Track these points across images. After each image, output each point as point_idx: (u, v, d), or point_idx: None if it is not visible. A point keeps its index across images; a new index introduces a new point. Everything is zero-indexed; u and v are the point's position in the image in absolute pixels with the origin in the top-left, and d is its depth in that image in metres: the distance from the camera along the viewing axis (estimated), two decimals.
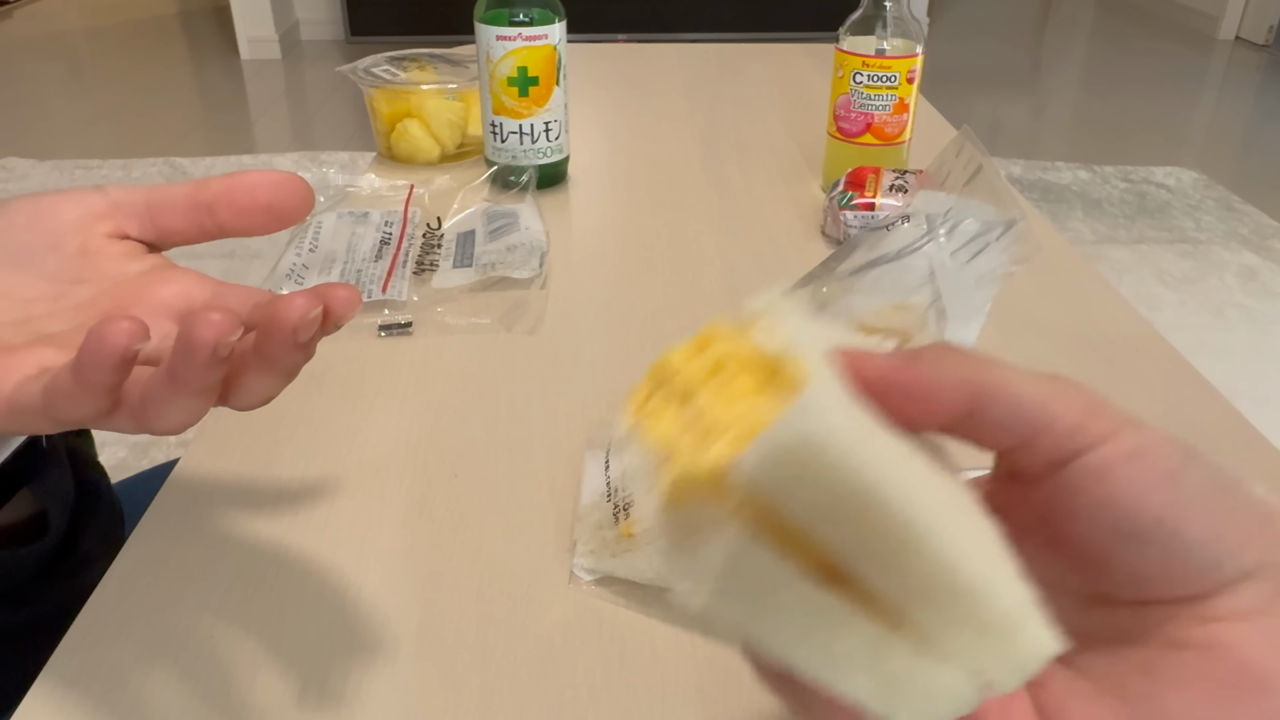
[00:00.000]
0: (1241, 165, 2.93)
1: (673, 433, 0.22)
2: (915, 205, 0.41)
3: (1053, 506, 0.24)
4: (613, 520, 0.45)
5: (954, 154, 0.40)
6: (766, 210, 0.83)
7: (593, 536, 0.45)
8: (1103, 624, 0.25)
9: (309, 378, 0.59)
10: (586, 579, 0.44)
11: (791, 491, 0.19)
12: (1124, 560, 0.24)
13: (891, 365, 0.23)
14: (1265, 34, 4.11)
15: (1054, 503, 0.24)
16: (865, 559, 0.20)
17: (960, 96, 3.46)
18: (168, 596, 0.43)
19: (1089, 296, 0.70)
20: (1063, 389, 0.24)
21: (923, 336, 0.38)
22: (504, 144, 0.83)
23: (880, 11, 0.79)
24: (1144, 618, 0.24)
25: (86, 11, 4.53)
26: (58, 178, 2.65)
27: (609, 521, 0.45)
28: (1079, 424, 0.23)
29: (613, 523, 0.45)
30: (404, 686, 0.39)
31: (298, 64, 3.78)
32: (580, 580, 0.44)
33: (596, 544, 0.45)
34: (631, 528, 0.44)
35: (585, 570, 0.44)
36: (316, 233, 0.73)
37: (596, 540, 0.45)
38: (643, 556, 0.43)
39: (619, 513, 0.45)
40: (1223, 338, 1.98)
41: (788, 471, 0.19)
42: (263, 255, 2.24)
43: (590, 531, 0.45)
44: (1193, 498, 0.23)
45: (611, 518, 0.45)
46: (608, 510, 0.45)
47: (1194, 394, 0.59)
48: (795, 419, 0.19)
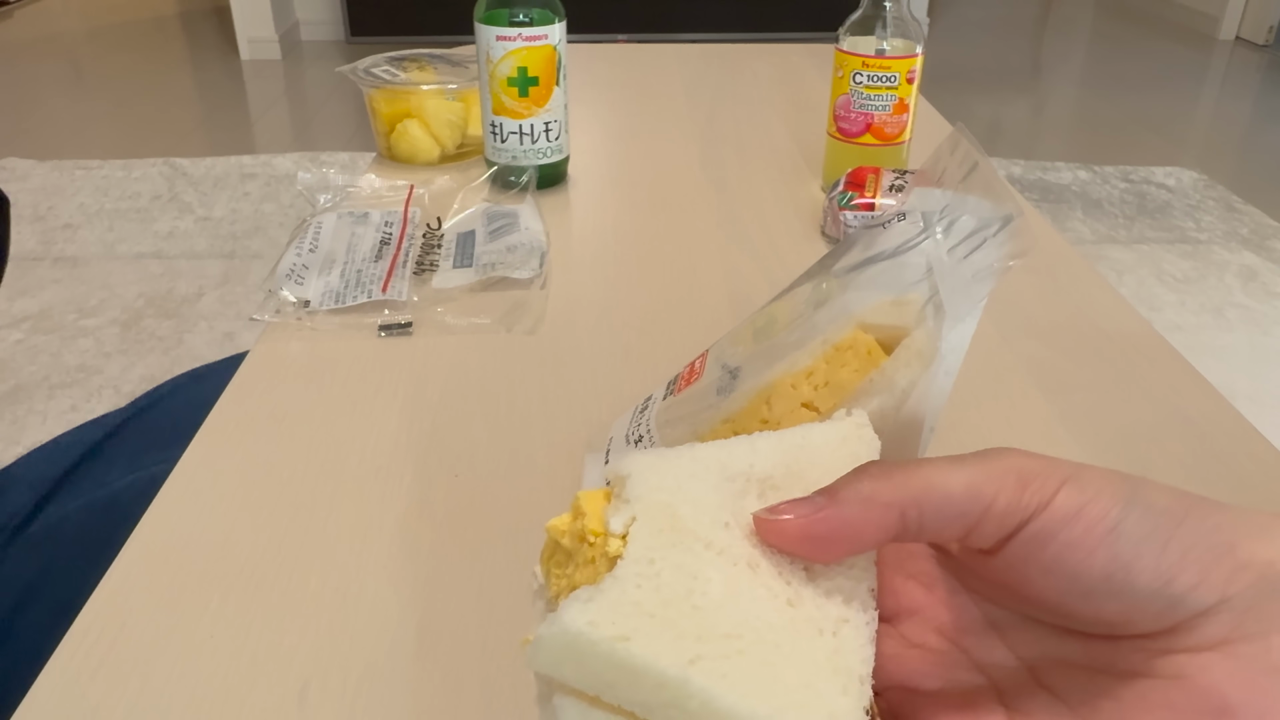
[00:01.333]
0: (1241, 165, 2.93)
1: (558, 586, 0.27)
2: (910, 202, 0.41)
3: (1009, 572, 0.25)
4: None
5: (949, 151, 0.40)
6: (766, 210, 0.83)
7: None
8: (1078, 652, 0.26)
9: (309, 378, 0.59)
10: None
11: (566, 673, 0.23)
12: (1084, 611, 0.25)
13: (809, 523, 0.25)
14: (1265, 34, 4.11)
15: (1009, 570, 0.25)
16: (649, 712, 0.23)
17: (960, 96, 3.46)
18: (168, 596, 0.43)
19: (1089, 296, 0.70)
20: (992, 468, 0.24)
21: (920, 331, 0.38)
22: (504, 144, 0.83)
23: (880, 12, 0.79)
24: (1114, 649, 0.25)
25: (86, 11, 4.53)
26: (58, 178, 2.65)
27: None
28: (1013, 500, 0.24)
29: None
30: (404, 686, 0.39)
31: (298, 64, 3.78)
32: None
33: None
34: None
35: None
36: (316, 233, 0.73)
37: None
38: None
39: None
40: (1223, 338, 1.98)
41: (554, 659, 0.23)
42: (263, 256, 2.24)
43: None
44: (1136, 547, 0.23)
45: None
46: None
47: (1194, 394, 0.59)
48: (551, 624, 0.23)
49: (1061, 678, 0.26)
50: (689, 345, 0.49)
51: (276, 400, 0.57)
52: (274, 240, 2.32)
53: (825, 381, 0.41)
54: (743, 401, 0.43)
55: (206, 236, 2.34)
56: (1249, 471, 0.52)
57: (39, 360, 1.84)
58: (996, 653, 0.27)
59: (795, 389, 0.41)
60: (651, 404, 0.48)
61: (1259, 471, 0.52)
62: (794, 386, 0.41)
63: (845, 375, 0.40)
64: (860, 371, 0.40)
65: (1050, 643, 0.26)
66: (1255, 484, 0.51)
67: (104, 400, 1.73)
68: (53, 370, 1.81)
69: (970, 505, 0.24)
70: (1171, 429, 0.55)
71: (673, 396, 0.47)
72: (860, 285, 0.41)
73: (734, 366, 0.45)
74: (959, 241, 0.38)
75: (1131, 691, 0.24)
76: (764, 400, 0.42)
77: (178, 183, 2.63)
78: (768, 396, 0.42)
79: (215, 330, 1.96)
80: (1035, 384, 0.59)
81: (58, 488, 0.64)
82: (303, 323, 0.64)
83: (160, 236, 2.34)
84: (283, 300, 0.65)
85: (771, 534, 0.25)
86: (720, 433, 0.43)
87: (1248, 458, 0.53)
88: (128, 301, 2.05)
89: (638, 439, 0.46)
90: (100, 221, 2.41)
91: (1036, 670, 0.27)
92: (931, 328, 0.37)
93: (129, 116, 3.20)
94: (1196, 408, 0.57)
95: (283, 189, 2.59)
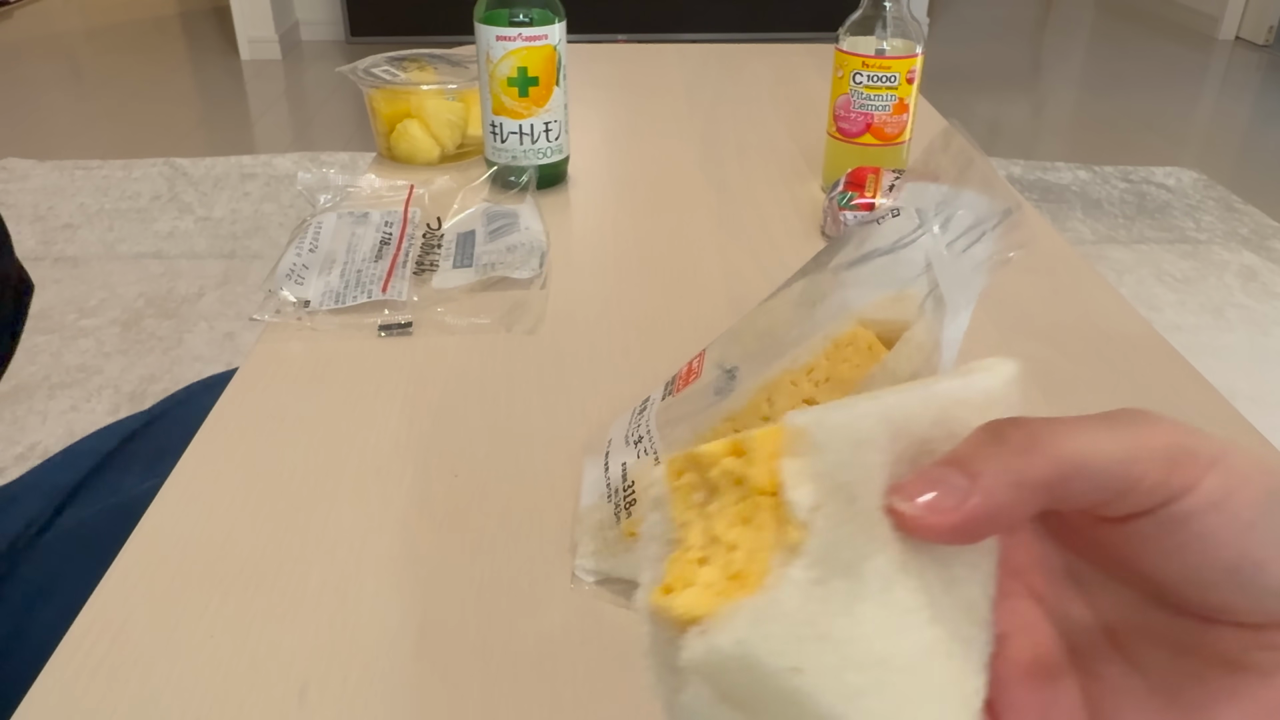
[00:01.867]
0: (1241, 165, 2.93)
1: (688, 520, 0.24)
2: (903, 199, 0.41)
3: (1123, 545, 0.23)
4: (614, 519, 0.44)
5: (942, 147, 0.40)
6: (766, 210, 0.83)
7: (594, 537, 0.45)
8: (1167, 626, 0.24)
9: (309, 378, 0.59)
10: (589, 580, 0.44)
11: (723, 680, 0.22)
12: (1192, 594, 0.23)
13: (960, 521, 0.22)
14: (1265, 34, 4.11)
15: (1124, 542, 0.23)
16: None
17: (960, 96, 3.46)
18: (168, 596, 0.43)
19: (1089, 296, 0.70)
20: (1145, 443, 0.22)
21: (920, 325, 0.38)
22: (504, 144, 0.83)
23: (880, 12, 0.79)
24: (1207, 631, 0.23)
25: (86, 11, 4.53)
26: (58, 178, 2.65)
27: (610, 521, 0.45)
28: (1160, 481, 0.22)
29: (614, 522, 0.44)
30: (404, 686, 0.39)
31: (298, 64, 3.78)
32: (582, 581, 0.44)
33: (598, 544, 0.44)
34: (634, 526, 0.43)
35: (587, 571, 0.44)
36: (316, 233, 0.73)
37: (598, 540, 0.44)
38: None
39: (620, 511, 0.44)
40: (1223, 338, 1.98)
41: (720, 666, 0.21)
42: (263, 256, 2.24)
43: (591, 532, 0.45)
44: (1270, 545, 0.22)
45: (613, 517, 0.45)
46: (609, 510, 0.45)
47: (1194, 394, 0.58)
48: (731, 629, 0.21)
49: (1144, 649, 0.24)
50: (689, 345, 0.49)
51: (276, 400, 0.57)
52: (274, 240, 2.32)
53: (826, 377, 0.41)
54: (744, 399, 0.43)
55: (206, 236, 2.34)
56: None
57: (39, 360, 1.84)
58: (1075, 607, 0.26)
59: (796, 385, 0.41)
60: (650, 405, 0.48)
61: None
62: (795, 383, 0.41)
63: (847, 370, 0.40)
64: (862, 366, 0.40)
65: (1137, 609, 0.24)
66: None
67: (104, 400, 1.73)
68: (53, 370, 1.81)
69: (1118, 482, 0.22)
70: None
71: (671, 397, 0.47)
72: (859, 281, 0.41)
73: (731, 367, 0.45)
74: (957, 236, 0.38)
75: (1222, 681, 0.23)
76: (765, 398, 0.42)
77: (178, 183, 2.63)
78: (769, 394, 0.42)
79: (215, 330, 1.96)
80: (1035, 384, 0.59)
81: (74, 495, 0.65)
82: (303, 323, 0.64)
83: (160, 236, 2.34)
84: (283, 300, 0.65)
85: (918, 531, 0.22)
86: (721, 431, 0.43)
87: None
88: (128, 301, 2.05)
89: (637, 439, 0.46)
90: (100, 221, 2.41)
91: (1116, 634, 0.25)
92: (931, 321, 0.37)
93: (129, 116, 3.20)
94: (1196, 408, 0.57)
95: (283, 189, 2.59)
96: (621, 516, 0.44)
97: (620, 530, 0.44)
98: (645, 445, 0.45)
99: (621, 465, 0.46)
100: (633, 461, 0.45)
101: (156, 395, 1.76)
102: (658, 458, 0.44)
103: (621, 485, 0.45)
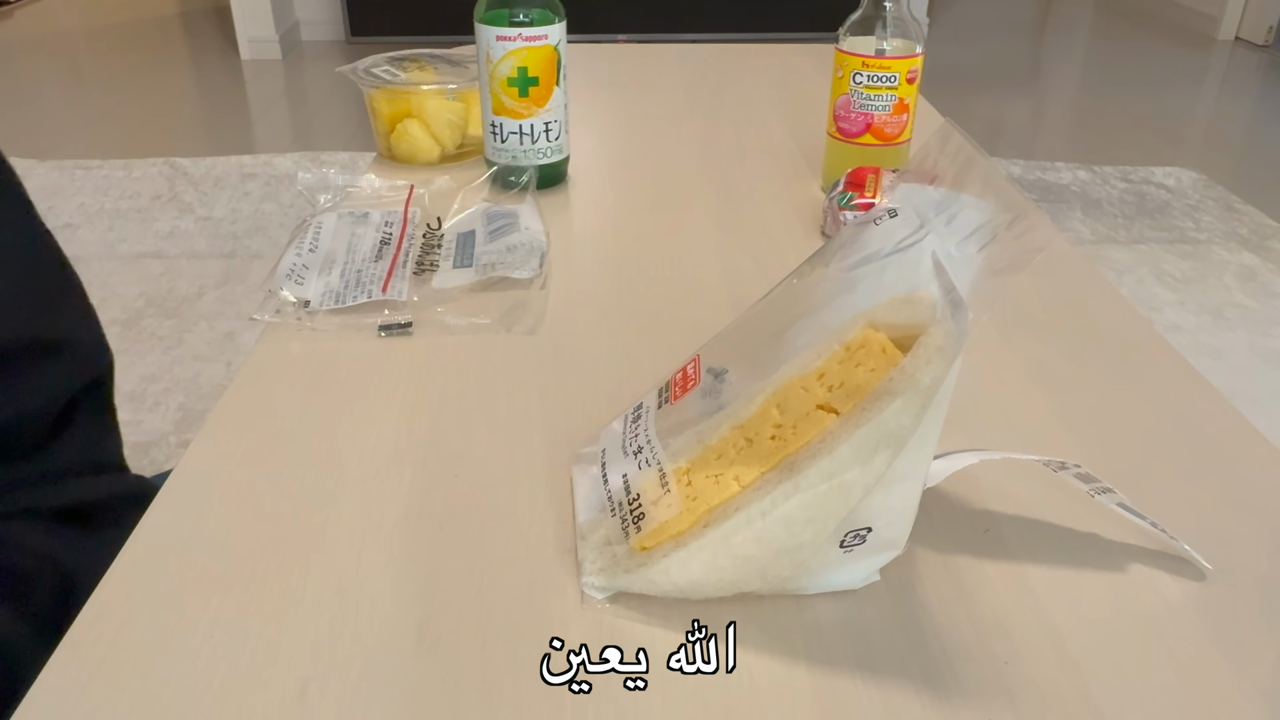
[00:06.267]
0: (1241, 165, 2.93)
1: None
2: (897, 199, 0.41)
3: None
4: (622, 535, 0.43)
5: (939, 146, 0.39)
6: (766, 210, 0.83)
7: (600, 554, 0.43)
8: None
9: (309, 378, 0.59)
10: (599, 598, 0.43)
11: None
12: None
13: None
14: (1265, 34, 4.11)
15: None
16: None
17: (960, 96, 3.46)
18: (168, 596, 0.43)
19: (1089, 296, 0.70)
20: None
21: (938, 328, 0.37)
22: (504, 144, 0.83)
23: (880, 12, 0.79)
24: None
25: (86, 11, 4.53)
26: (58, 178, 2.65)
27: (618, 536, 0.43)
28: None
29: (622, 538, 0.43)
30: (404, 686, 0.39)
31: (298, 64, 3.78)
32: (593, 600, 0.43)
33: (605, 561, 0.43)
34: (645, 541, 0.42)
35: (596, 589, 0.43)
36: (316, 233, 0.73)
37: (605, 558, 0.43)
38: (660, 569, 0.41)
39: (628, 527, 0.43)
40: (1223, 338, 1.98)
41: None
42: (263, 256, 2.24)
43: (596, 549, 0.44)
44: None
45: (620, 532, 0.43)
46: (614, 525, 0.43)
47: (1194, 394, 0.59)
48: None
49: None
50: (689, 346, 0.49)
51: (276, 400, 0.57)
52: (274, 240, 2.32)
53: (840, 383, 0.40)
54: (752, 406, 0.43)
55: (207, 236, 2.34)
56: (1249, 471, 0.52)
57: None
58: None
59: (808, 391, 0.40)
60: (645, 413, 0.47)
61: (1259, 471, 0.52)
62: (806, 389, 0.41)
63: (861, 375, 0.39)
64: (878, 371, 0.39)
65: None
66: (1255, 484, 0.51)
67: None
68: None
69: None
70: (1171, 429, 0.55)
71: (669, 404, 0.46)
72: (865, 283, 0.41)
73: (720, 369, 0.45)
74: (965, 236, 0.38)
75: None
76: (774, 404, 0.42)
77: (178, 182, 2.63)
78: (778, 400, 0.41)
79: (215, 330, 1.96)
80: (1035, 384, 0.59)
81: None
82: (303, 323, 0.64)
83: (160, 236, 2.34)
84: (283, 300, 0.65)
85: None
86: (731, 439, 0.43)
87: (1248, 458, 0.53)
88: (128, 301, 2.05)
89: (637, 449, 0.45)
90: (100, 221, 2.41)
91: None
92: (951, 323, 0.36)
93: (129, 116, 3.20)
94: (1196, 408, 0.57)
95: (283, 189, 2.59)
96: (630, 532, 0.42)
97: (630, 546, 0.42)
98: (646, 455, 0.44)
99: (622, 477, 0.45)
100: (634, 472, 0.44)
101: (156, 395, 1.76)
102: (661, 468, 0.43)
103: (626, 499, 0.44)
